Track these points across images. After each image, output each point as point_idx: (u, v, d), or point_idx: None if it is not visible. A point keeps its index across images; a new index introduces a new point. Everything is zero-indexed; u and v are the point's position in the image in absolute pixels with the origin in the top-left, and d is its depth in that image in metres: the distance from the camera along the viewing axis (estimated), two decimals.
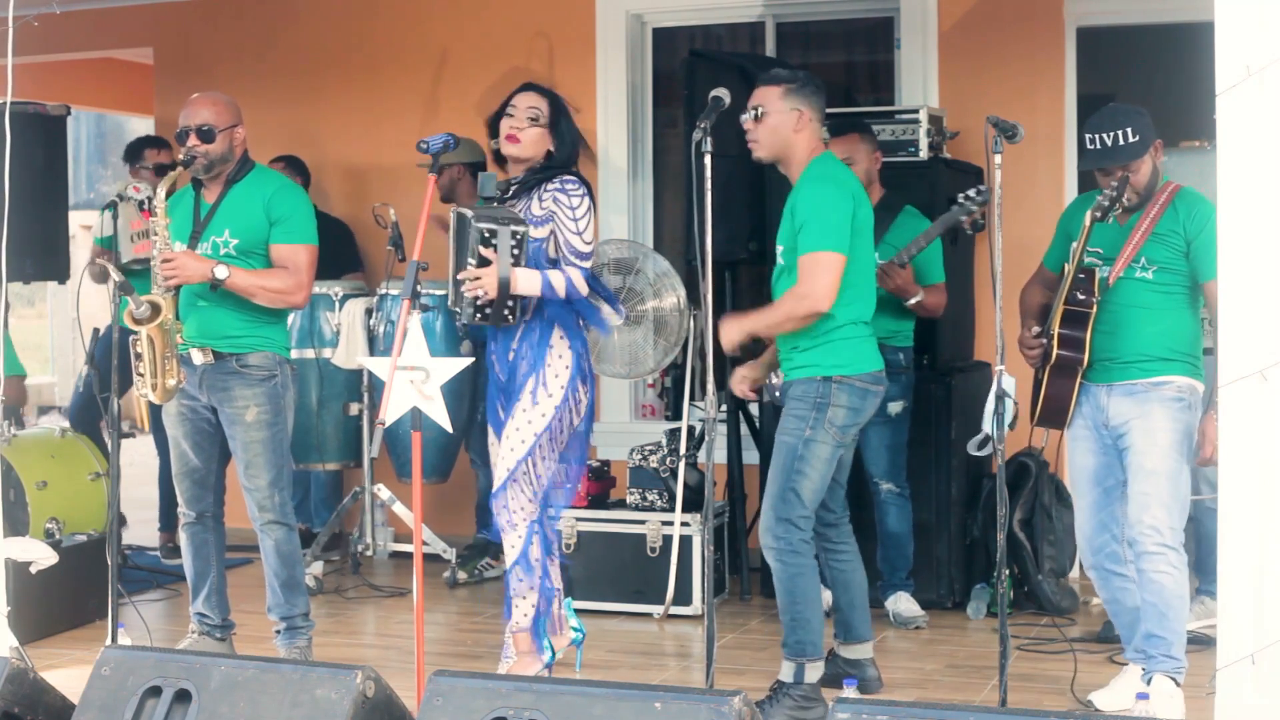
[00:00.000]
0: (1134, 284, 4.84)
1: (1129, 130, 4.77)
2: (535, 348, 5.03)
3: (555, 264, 5.03)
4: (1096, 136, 4.81)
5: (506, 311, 4.95)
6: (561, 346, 5.04)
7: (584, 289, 5.03)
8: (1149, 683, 4.81)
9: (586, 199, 5.04)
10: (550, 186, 5.03)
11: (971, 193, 5.77)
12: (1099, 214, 4.77)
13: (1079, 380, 4.90)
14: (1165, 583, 4.75)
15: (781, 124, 4.96)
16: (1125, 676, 5.07)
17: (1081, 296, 4.83)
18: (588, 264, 5.04)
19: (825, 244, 4.80)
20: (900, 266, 5.99)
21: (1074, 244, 4.87)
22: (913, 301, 6.09)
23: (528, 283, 4.94)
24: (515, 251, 4.90)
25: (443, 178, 7.01)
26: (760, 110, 4.96)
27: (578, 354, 5.07)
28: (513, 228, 4.91)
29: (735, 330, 5.02)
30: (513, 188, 5.11)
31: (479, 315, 4.97)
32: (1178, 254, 4.80)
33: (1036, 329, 4.97)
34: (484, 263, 4.90)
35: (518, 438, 5.03)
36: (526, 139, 5.08)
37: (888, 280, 5.98)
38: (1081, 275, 4.84)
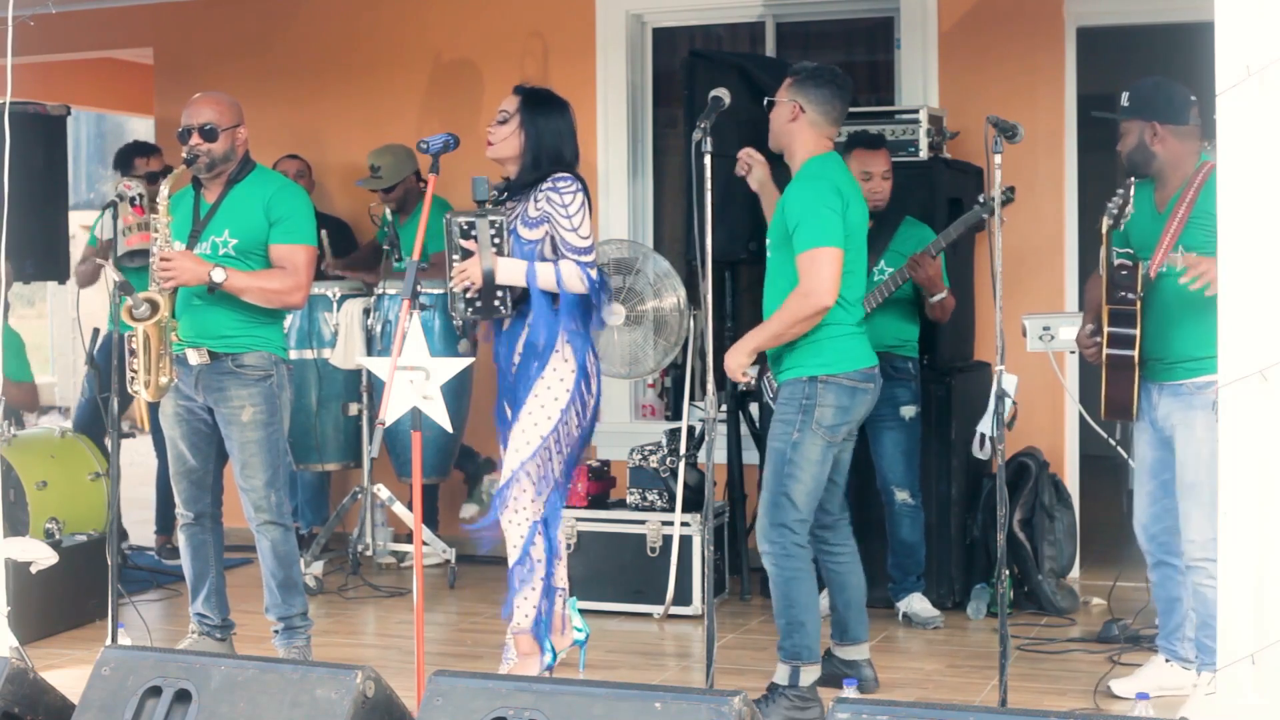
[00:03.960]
0: (1175, 279, 4.73)
1: (1126, 94, 4.84)
2: (541, 349, 5.02)
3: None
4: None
5: (496, 303, 4.97)
6: (567, 350, 5.02)
7: (577, 284, 4.98)
8: (1198, 674, 4.86)
9: (579, 195, 5.00)
10: (544, 187, 5.02)
11: (994, 192, 5.75)
12: (1110, 221, 4.75)
13: (1137, 374, 4.86)
14: (1208, 595, 4.67)
15: (779, 114, 5.00)
16: (1151, 666, 5.11)
17: (1123, 294, 4.79)
18: (588, 258, 5.00)
19: (822, 240, 4.79)
20: (932, 257, 6.00)
21: (1101, 249, 4.83)
22: (936, 299, 6.09)
23: (511, 271, 4.95)
24: (496, 240, 4.93)
25: (395, 192, 7.35)
26: (770, 100, 5.01)
27: (582, 355, 5.05)
28: (490, 218, 4.93)
29: (740, 353, 4.96)
30: (505, 191, 5.12)
31: (470, 309, 4.99)
32: (1214, 238, 4.66)
33: (1091, 327, 4.93)
34: (467, 255, 4.94)
35: (523, 438, 5.02)
36: (496, 139, 5.11)
37: (919, 271, 5.98)
38: (1124, 271, 4.79)
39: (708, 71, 6.43)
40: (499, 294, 4.96)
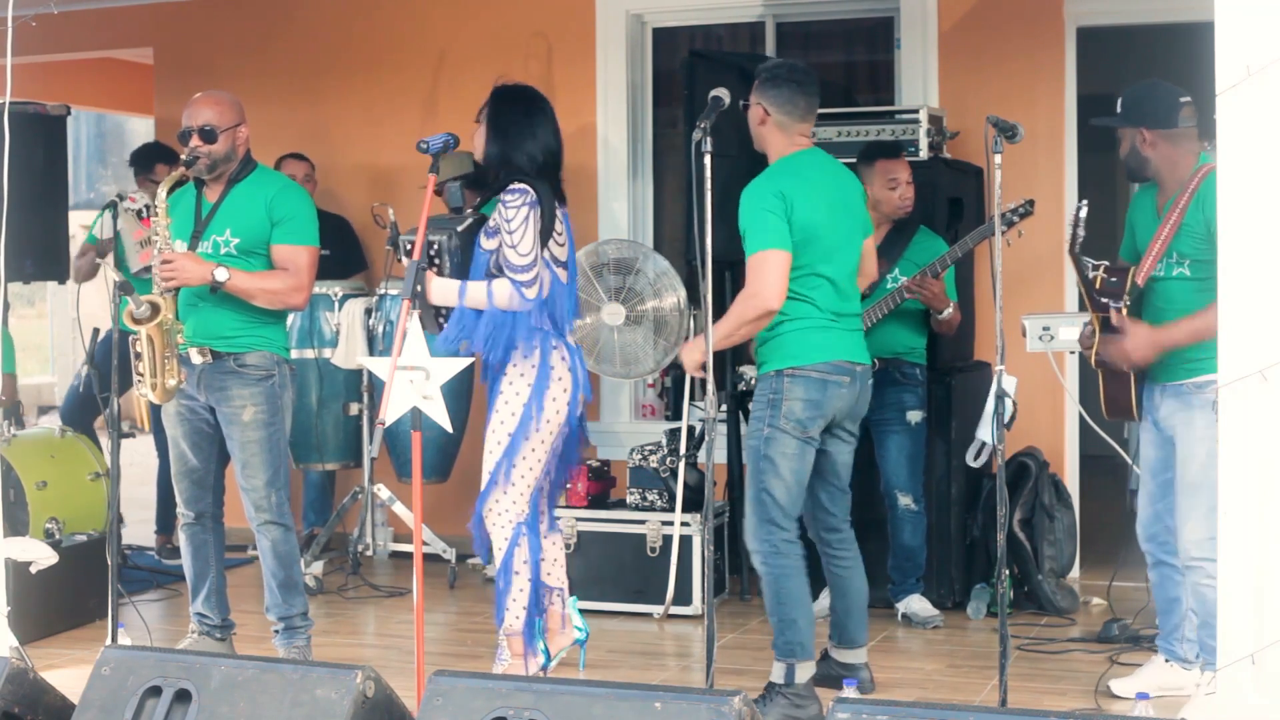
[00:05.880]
0: (1172, 285, 4.78)
1: (1120, 101, 4.87)
2: (501, 353, 4.99)
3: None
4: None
5: (438, 318, 4.97)
6: (527, 347, 4.97)
7: (506, 303, 4.90)
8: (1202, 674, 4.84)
9: (524, 209, 4.88)
10: (501, 196, 4.97)
11: (1012, 204, 5.78)
12: (1071, 245, 4.77)
13: (1132, 376, 4.88)
14: (1207, 594, 4.66)
15: (751, 119, 5.03)
16: (1151, 666, 5.11)
17: (1106, 301, 4.80)
18: (525, 276, 4.88)
19: (765, 243, 4.81)
20: (934, 277, 6.00)
21: (1078, 277, 4.86)
22: (943, 315, 6.10)
23: (442, 292, 4.94)
24: (436, 261, 4.93)
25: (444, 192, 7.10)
26: (744, 103, 5.03)
27: (545, 350, 4.99)
28: (430, 237, 4.92)
29: (694, 351, 4.93)
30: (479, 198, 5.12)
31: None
32: (1206, 241, 4.63)
33: (1092, 328, 4.94)
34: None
35: (494, 440, 5.02)
36: (476, 141, 5.10)
37: (922, 291, 6.00)
38: (1113, 278, 4.80)
39: (708, 71, 6.42)
40: (436, 310, 4.96)
